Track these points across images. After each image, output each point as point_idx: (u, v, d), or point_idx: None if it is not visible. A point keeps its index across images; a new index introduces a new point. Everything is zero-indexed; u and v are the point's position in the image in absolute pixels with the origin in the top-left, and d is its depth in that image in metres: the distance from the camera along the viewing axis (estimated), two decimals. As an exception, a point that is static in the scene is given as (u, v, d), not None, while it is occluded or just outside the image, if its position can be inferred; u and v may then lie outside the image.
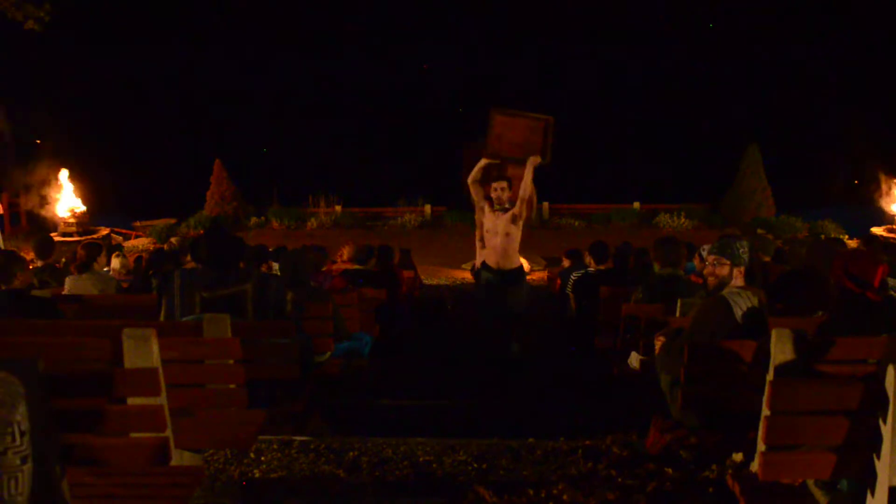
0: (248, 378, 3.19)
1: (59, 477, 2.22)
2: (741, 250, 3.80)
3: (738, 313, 3.51)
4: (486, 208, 6.29)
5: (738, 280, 3.76)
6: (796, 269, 4.18)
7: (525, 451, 3.82)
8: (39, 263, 6.77)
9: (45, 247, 7.00)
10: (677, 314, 4.29)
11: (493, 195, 6.23)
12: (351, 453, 3.82)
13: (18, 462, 2.05)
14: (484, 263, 6.34)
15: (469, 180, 6.36)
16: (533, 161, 6.17)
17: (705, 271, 3.94)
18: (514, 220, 6.20)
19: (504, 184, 6.19)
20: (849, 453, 2.48)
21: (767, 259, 6.19)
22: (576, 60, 32.62)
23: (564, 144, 7.29)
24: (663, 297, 4.78)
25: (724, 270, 3.81)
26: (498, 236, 6.21)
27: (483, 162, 6.34)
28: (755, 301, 3.55)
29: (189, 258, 6.44)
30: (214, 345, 3.19)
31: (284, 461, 3.75)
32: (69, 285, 5.96)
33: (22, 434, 2.05)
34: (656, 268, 5.23)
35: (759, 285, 3.87)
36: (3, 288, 4.09)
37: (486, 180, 6.36)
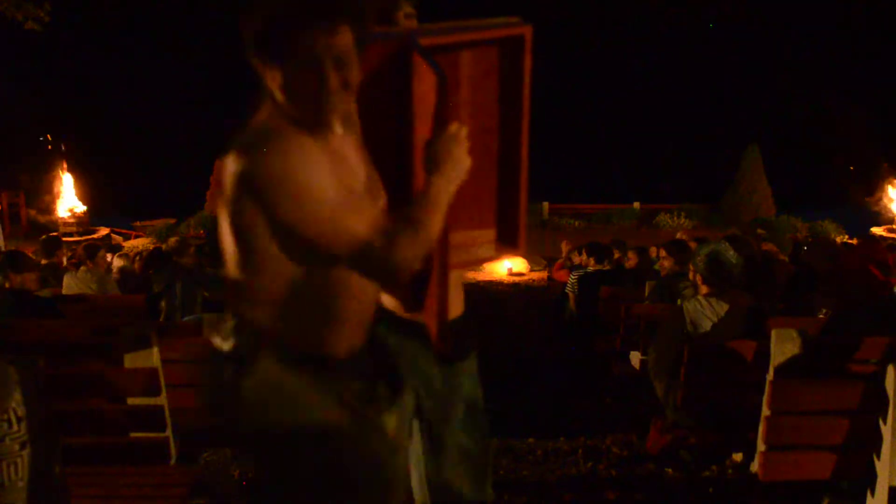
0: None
1: (59, 477, 2.22)
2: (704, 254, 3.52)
3: (688, 324, 3.44)
4: None
5: (701, 288, 3.57)
6: (801, 269, 4.18)
7: (525, 451, 3.81)
8: (43, 262, 6.76)
9: (51, 245, 7.00)
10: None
11: None
12: (351, 453, 3.81)
13: (17, 448, 2.05)
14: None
15: None
16: None
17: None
18: None
19: None
20: (849, 453, 2.48)
21: (784, 257, 6.13)
22: (575, 60, 32.57)
23: (565, 144, 7.22)
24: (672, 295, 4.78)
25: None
26: None
27: None
28: (719, 309, 3.44)
29: (186, 256, 6.42)
30: (214, 345, 3.18)
31: (284, 461, 3.73)
32: (67, 283, 5.97)
33: (19, 420, 2.04)
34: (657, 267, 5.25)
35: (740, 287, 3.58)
36: (7, 286, 4.11)
37: None
